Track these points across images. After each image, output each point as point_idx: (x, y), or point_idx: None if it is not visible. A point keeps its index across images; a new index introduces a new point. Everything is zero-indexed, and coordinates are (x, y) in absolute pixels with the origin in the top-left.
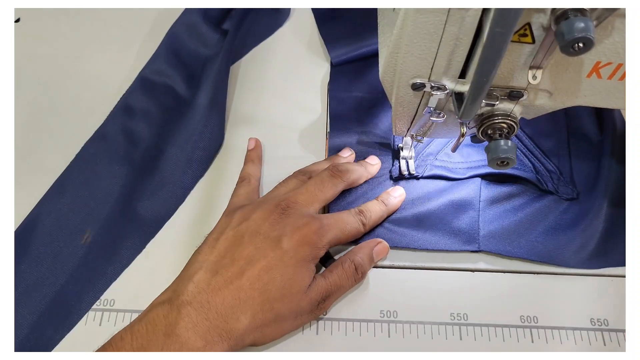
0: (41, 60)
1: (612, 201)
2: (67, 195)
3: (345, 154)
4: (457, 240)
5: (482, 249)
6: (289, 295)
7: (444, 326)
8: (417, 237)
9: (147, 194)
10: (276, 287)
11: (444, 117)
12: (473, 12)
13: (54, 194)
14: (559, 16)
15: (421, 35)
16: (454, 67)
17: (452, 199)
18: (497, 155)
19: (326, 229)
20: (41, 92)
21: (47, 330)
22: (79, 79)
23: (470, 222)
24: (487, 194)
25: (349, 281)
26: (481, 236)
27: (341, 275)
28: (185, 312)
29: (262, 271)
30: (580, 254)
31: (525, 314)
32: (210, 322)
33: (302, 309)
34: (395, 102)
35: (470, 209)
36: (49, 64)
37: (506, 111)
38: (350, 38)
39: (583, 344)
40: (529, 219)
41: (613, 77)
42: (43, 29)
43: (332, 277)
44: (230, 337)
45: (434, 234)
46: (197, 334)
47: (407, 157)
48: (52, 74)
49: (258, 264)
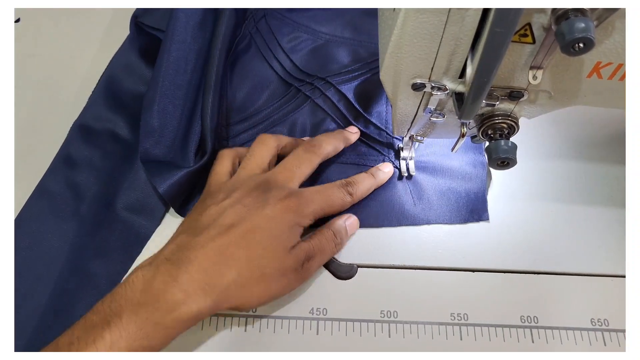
0: (41, 60)
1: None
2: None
3: (352, 130)
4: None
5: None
6: (273, 252)
7: (444, 326)
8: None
9: (99, 252)
10: (261, 246)
11: (444, 118)
12: (473, 12)
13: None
14: (560, 16)
15: (421, 35)
16: (454, 67)
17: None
18: (497, 156)
19: (310, 199)
20: (41, 92)
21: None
22: (79, 79)
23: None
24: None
25: (329, 244)
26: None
27: (321, 238)
28: (164, 268)
29: (246, 232)
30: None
31: (526, 314)
32: (190, 274)
33: (287, 267)
34: (395, 103)
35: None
36: (49, 64)
37: (506, 111)
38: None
39: (583, 344)
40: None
41: (613, 77)
42: (43, 29)
43: (314, 240)
44: (214, 291)
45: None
46: (176, 287)
47: (407, 157)
48: (52, 74)
49: (242, 226)
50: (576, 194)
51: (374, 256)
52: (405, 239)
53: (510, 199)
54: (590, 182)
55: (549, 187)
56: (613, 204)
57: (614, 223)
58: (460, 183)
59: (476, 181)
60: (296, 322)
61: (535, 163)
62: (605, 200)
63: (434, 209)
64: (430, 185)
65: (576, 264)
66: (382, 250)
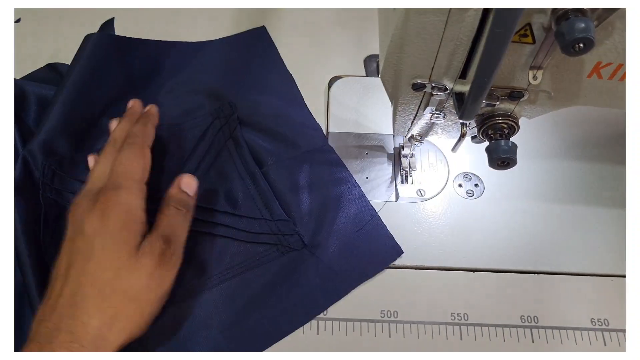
0: (41, 60)
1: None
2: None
3: (129, 105)
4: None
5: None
6: (121, 270)
7: (445, 326)
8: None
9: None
10: (107, 277)
11: (445, 118)
12: (473, 13)
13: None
14: (560, 16)
15: (422, 36)
16: (454, 68)
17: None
18: (497, 156)
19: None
20: None
21: None
22: None
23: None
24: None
25: (177, 218)
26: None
27: (166, 219)
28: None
29: (92, 267)
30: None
31: (526, 314)
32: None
33: (144, 268)
34: (396, 103)
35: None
36: None
37: (507, 111)
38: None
39: (583, 343)
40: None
41: (614, 78)
42: (43, 29)
43: (160, 226)
44: (85, 343)
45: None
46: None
47: (408, 155)
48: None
49: (86, 263)
50: (576, 194)
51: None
52: (406, 239)
53: (510, 199)
54: (590, 182)
55: (549, 187)
56: (613, 204)
57: (614, 223)
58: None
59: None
60: None
61: (535, 163)
62: (605, 200)
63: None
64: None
65: (576, 264)
66: None
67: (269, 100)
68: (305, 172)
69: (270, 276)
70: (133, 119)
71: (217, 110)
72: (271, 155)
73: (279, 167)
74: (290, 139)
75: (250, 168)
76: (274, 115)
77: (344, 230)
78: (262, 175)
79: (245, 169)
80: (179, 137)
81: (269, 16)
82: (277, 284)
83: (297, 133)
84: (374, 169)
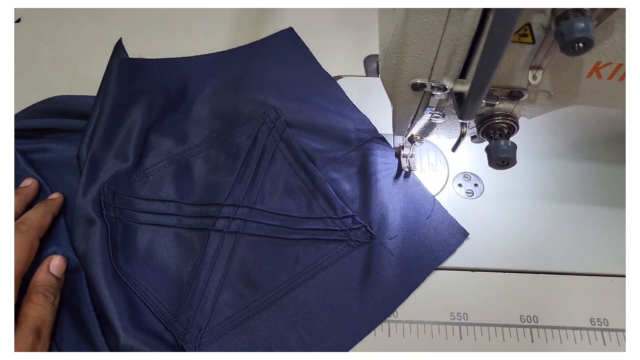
0: (41, 60)
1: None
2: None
3: (27, 184)
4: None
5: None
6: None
7: (444, 326)
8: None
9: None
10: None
11: (444, 118)
12: (473, 13)
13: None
14: (559, 16)
15: (421, 36)
16: (454, 67)
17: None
18: (497, 155)
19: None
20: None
21: None
22: (79, 79)
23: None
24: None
25: (46, 307)
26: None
27: (33, 308)
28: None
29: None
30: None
31: (525, 313)
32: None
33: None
34: (395, 103)
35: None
36: (49, 64)
37: (506, 111)
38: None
39: (583, 343)
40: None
41: (613, 77)
42: (43, 29)
43: (28, 317)
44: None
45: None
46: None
47: (408, 155)
48: (52, 74)
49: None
50: (576, 194)
51: None
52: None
53: (510, 199)
54: (590, 182)
55: (549, 187)
56: (613, 204)
57: (614, 223)
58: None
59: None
60: None
61: (535, 163)
62: (605, 200)
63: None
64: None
65: (576, 264)
66: None
67: (312, 99)
68: (362, 166)
69: (346, 272)
70: (24, 199)
71: (262, 115)
72: (324, 154)
73: (334, 165)
74: (340, 135)
75: (307, 168)
76: (320, 115)
77: (412, 218)
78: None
79: (302, 169)
80: (227, 148)
81: (269, 16)
82: (353, 280)
83: (347, 129)
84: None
